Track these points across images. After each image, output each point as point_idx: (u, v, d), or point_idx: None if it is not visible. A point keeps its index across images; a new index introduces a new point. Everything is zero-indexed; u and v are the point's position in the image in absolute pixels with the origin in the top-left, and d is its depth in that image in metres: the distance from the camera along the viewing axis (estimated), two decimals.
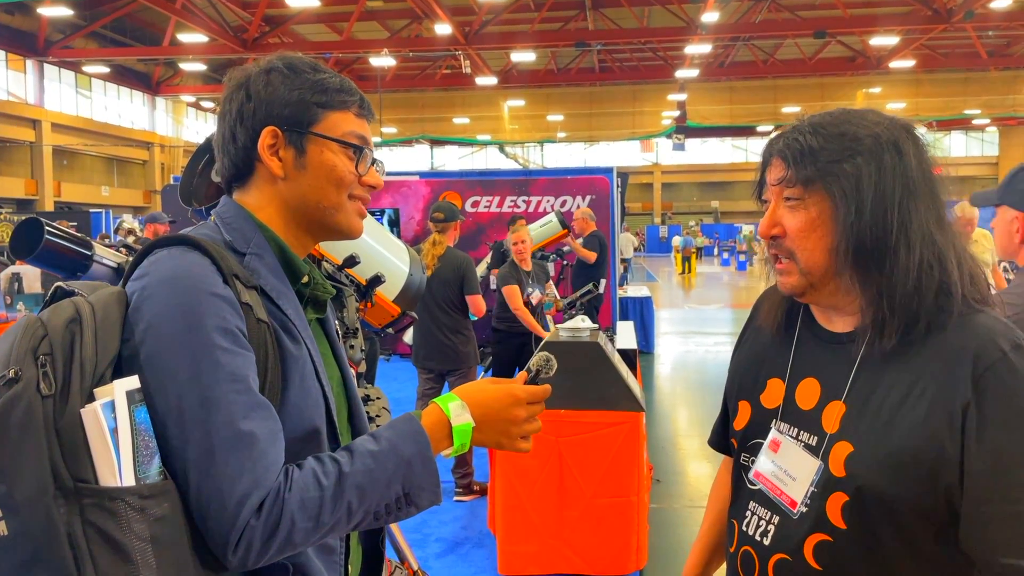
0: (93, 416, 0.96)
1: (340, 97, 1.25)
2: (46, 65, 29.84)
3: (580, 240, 8.55)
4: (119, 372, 1.04)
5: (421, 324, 5.25)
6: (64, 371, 0.98)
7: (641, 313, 10.95)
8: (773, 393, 1.33)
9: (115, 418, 0.98)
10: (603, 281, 8.59)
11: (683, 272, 29.86)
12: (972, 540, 1.14)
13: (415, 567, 2.73)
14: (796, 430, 1.27)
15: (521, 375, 1.26)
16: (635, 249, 30.04)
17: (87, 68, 30.88)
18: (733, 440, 1.40)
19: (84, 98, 32.85)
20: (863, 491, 1.17)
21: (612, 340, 5.41)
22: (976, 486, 1.12)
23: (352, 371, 1.46)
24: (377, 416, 2.20)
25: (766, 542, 1.27)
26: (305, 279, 1.26)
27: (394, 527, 2.73)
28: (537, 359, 1.28)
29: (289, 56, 1.26)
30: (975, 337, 1.14)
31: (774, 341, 1.37)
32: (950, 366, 1.14)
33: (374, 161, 1.28)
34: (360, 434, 1.31)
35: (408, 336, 6.57)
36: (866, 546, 1.18)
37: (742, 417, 1.37)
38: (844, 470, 1.19)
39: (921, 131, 1.24)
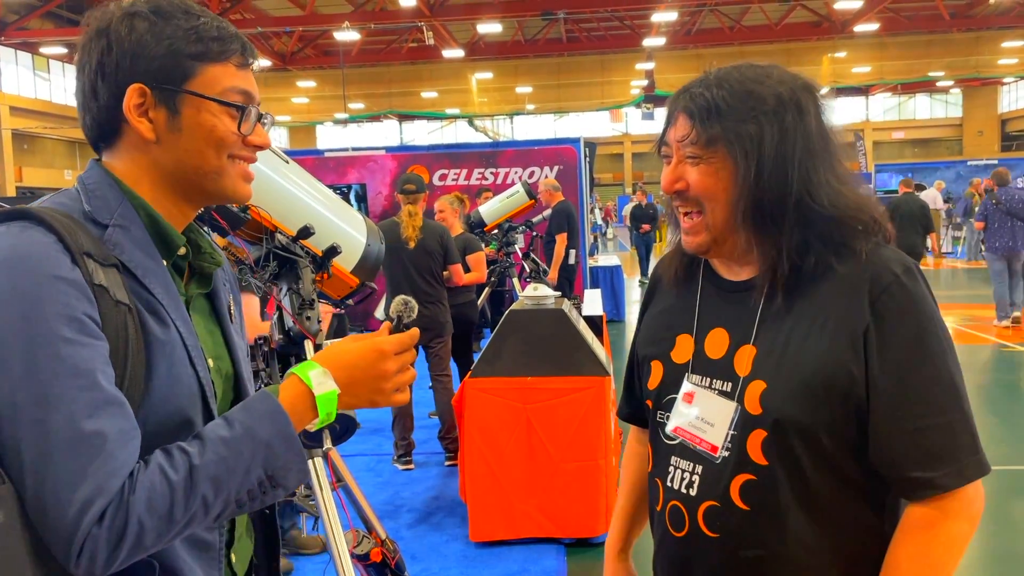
0: None
1: (218, 47, 1.10)
2: (1, 48, 29.13)
3: (547, 211, 8.51)
4: None
5: (402, 295, 5.24)
6: None
7: (611, 282, 11.01)
8: (683, 349, 1.35)
9: None
10: (573, 252, 8.59)
11: (656, 241, 29.90)
12: (880, 456, 1.20)
13: (383, 536, 2.75)
14: (708, 379, 1.30)
15: (385, 325, 1.18)
16: (605, 220, 30.10)
17: (44, 50, 30.18)
18: (648, 401, 1.40)
19: (43, 80, 32.12)
20: (780, 423, 1.21)
21: (578, 308, 5.44)
22: (881, 404, 1.18)
23: (245, 347, 1.29)
24: None
25: (692, 492, 1.28)
26: (183, 251, 1.14)
27: (360, 497, 2.74)
28: (396, 304, 1.20)
29: None
30: (871, 266, 1.21)
31: (679, 299, 1.39)
32: (849, 295, 1.20)
33: (261, 117, 1.15)
34: None
35: (379, 311, 6.55)
36: (789, 478, 1.21)
37: (655, 377, 1.38)
38: (760, 407, 1.23)
39: (823, 92, 1.27)
